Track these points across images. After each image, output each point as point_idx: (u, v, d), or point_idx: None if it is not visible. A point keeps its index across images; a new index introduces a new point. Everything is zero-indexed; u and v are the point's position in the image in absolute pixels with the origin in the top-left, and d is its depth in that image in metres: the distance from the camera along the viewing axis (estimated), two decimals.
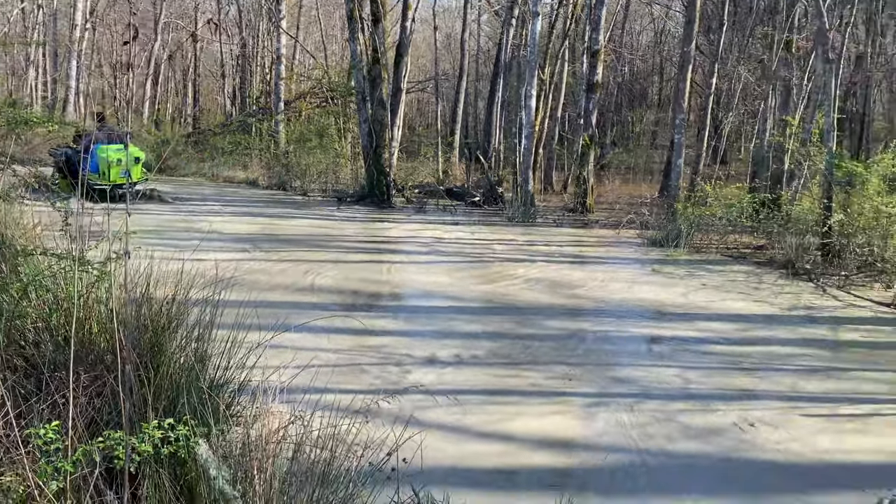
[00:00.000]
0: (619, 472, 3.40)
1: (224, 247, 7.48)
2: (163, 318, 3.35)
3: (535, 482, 3.29)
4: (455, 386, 4.37)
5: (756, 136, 14.73)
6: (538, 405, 4.18)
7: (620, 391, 4.42)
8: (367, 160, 13.52)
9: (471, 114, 26.18)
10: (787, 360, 5.14)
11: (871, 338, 5.92)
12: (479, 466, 3.40)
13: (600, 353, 5.29)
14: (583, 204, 13.19)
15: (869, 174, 8.46)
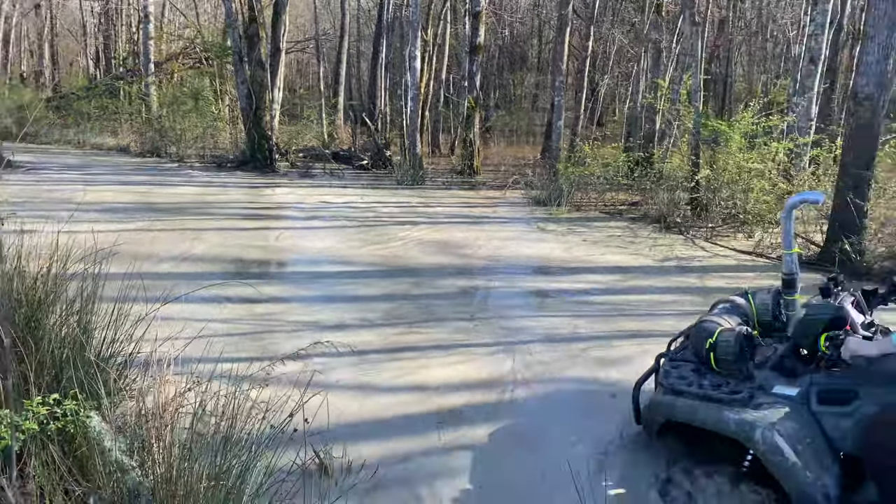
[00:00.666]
0: (520, 404, 3.56)
1: (99, 217, 7.03)
2: (38, 291, 3.16)
3: (442, 425, 3.40)
4: (356, 346, 4.39)
5: (630, 97, 15.39)
6: (442, 357, 4.34)
7: (518, 339, 4.66)
8: (248, 123, 13.05)
9: (354, 75, 25.72)
10: (663, 307, 5.51)
11: (735, 283, 6.43)
12: (385, 418, 3.49)
13: (495, 307, 5.47)
14: (470, 166, 13.36)
15: (732, 132, 9.07)
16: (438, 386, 3.87)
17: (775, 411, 2.60)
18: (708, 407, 2.73)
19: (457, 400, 3.72)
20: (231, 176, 12.13)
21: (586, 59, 15.42)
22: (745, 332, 2.87)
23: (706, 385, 2.83)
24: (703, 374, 2.92)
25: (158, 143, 14.38)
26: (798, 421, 2.58)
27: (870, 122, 6.84)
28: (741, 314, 3.22)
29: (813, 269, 6.94)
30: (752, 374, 2.81)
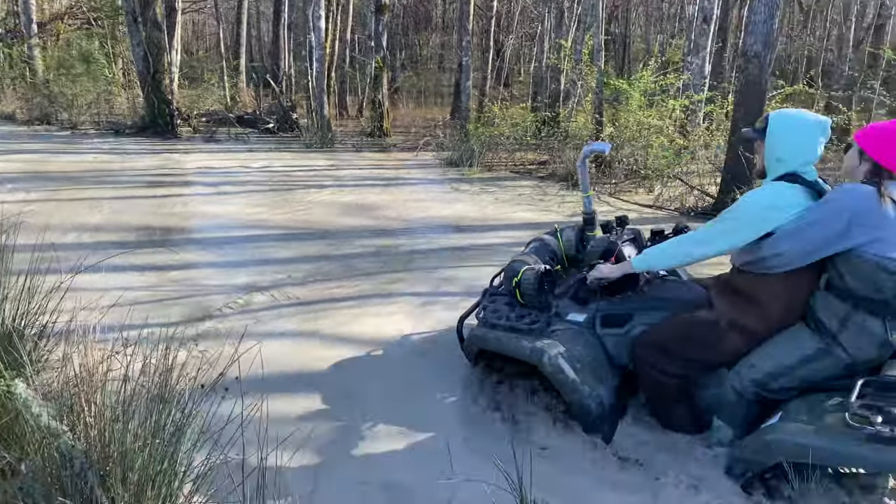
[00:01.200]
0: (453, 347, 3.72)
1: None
2: None
3: (375, 373, 3.51)
4: (284, 304, 4.43)
5: (535, 58, 15.65)
6: (371, 308, 4.46)
7: (446, 290, 4.84)
8: (146, 88, 12.47)
9: (256, 37, 24.88)
10: None
11: None
12: (319, 370, 3.56)
13: (416, 263, 5.55)
14: (380, 128, 13.31)
15: (632, 90, 9.44)
16: (372, 336, 3.97)
17: (564, 336, 3.03)
18: (510, 337, 3.11)
19: (393, 350, 3.84)
20: (131, 142, 11.61)
21: (491, 19, 15.52)
22: (544, 269, 3.22)
23: (513, 318, 3.19)
24: (513, 308, 3.27)
25: (48, 109, 13.53)
26: (582, 343, 3.02)
27: (758, 79, 7.29)
28: (550, 251, 3.59)
29: (708, 218, 7.42)
30: (550, 305, 3.19)
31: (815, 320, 2.61)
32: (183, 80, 16.08)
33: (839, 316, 2.54)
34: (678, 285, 3.23)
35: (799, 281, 2.65)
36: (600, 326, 3.10)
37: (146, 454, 2.16)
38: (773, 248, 2.63)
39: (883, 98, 8.32)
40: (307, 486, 2.32)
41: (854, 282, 2.51)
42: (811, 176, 2.70)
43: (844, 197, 2.53)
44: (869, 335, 2.49)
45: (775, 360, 2.65)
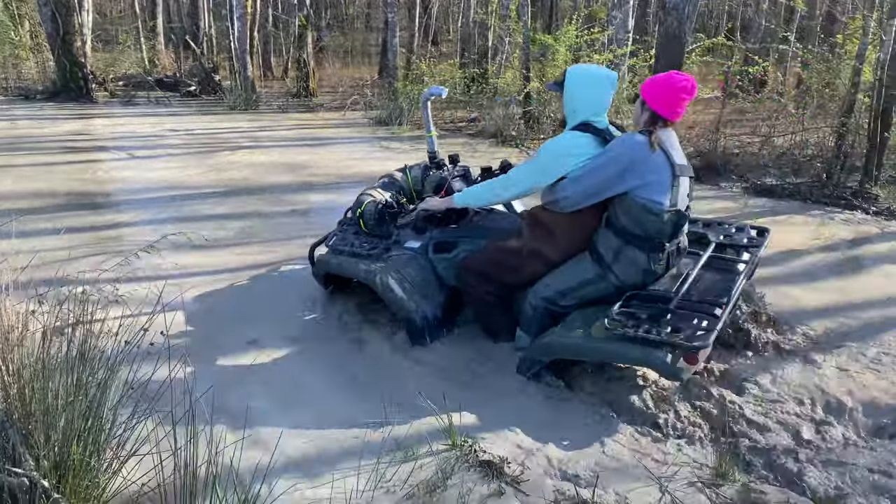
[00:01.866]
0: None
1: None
2: None
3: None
4: (213, 262, 4.36)
5: (462, 14, 15.52)
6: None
7: None
8: (56, 51, 11.84)
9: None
10: None
11: None
12: (240, 319, 3.55)
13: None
14: (306, 88, 13.04)
15: (558, 45, 9.51)
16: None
17: (398, 260, 3.45)
18: (350, 261, 3.53)
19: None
20: (43, 108, 11.04)
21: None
22: (384, 202, 3.67)
23: (356, 244, 3.59)
24: (358, 236, 3.67)
25: None
26: (415, 266, 3.44)
27: (677, 31, 7.45)
28: (397, 186, 3.99)
29: None
30: (390, 233, 3.59)
31: (595, 251, 3.02)
32: (97, 43, 15.32)
33: (613, 249, 2.96)
34: (501, 217, 3.66)
35: (584, 218, 3.04)
36: (432, 252, 3.50)
37: (69, 412, 2.13)
38: (563, 191, 2.99)
39: (796, 50, 8.64)
40: (238, 435, 2.33)
41: (626, 221, 2.91)
42: (602, 124, 3.06)
43: (620, 146, 2.91)
44: (635, 265, 2.94)
45: (563, 281, 3.09)
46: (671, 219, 2.89)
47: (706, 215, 5.85)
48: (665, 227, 2.90)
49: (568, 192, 2.97)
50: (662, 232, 2.90)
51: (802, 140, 7.66)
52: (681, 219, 2.94)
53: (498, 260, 3.25)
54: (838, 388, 3.10)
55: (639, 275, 2.96)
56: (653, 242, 2.91)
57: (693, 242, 3.29)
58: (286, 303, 3.88)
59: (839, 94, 7.65)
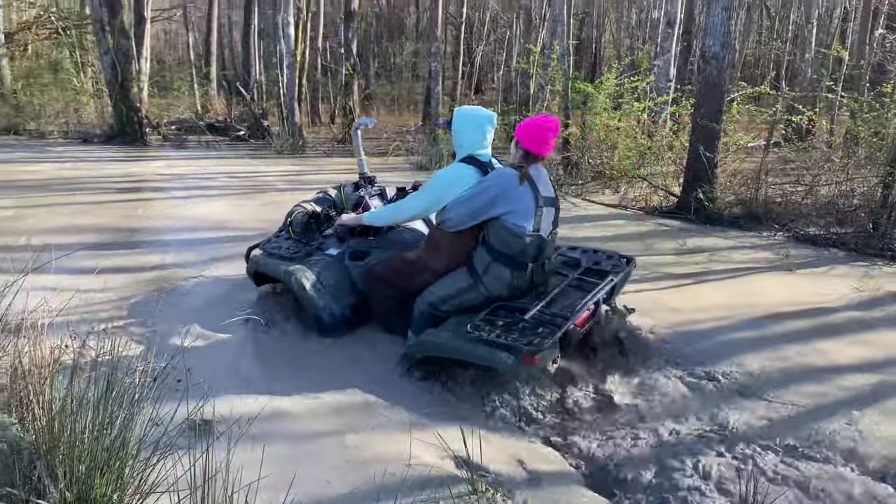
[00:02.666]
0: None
1: None
2: None
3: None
4: (246, 299, 4.43)
5: (504, 63, 15.78)
6: None
7: None
8: (114, 96, 12.39)
9: (226, 45, 24.79)
10: None
11: (602, 232, 6.93)
12: (265, 373, 3.58)
13: None
14: (349, 133, 13.32)
15: (598, 93, 9.57)
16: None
17: (318, 265, 3.91)
18: (275, 262, 4.01)
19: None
20: (100, 151, 11.51)
21: (461, 25, 15.63)
22: (311, 212, 4.20)
23: (283, 248, 4.10)
24: (289, 241, 4.16)
25: (15, 120, 13.37)
26: (331, 270, 3.90)
27: (717, 80, 7.44)
28: (330, 200, 4.46)
29: (672, 217, 7.56)
30: (315, 241, 4.09)
31: (471, 266, 3.51)
32: (153, 89, 15.99)
33: (484, 264, 3.44)
34: (409, 232, 4.16)
35: (465, 237, 3.53)
36: (348, 259, 3.97)
37: (95, 444, 2.18)
38: (448, 214, 3.50)
39: (842, 99, 8.51)
40: (254, 473, 2.34)
41: (495, 241, 3.40)
42: (485, 157, 3.62)
43: (493, 179, 3.42)
44: (501, 279, 3.42)
45: (443, 290, 3.55)
46: (533, 242, 3.41)
47: (744, 265, 5.81)
48: (528, 249, 3.41)
49: (451, 214, 3.49)
50: (525, 253, 3.41)
51: (848, 189, 7.50)
52: (542, 243, 3.46)
53: (398, 268, 3.77)
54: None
55: (504, 288, 3.44)
56: (516, 261, 3.41)
57: (566, 265, 3.88)
58: (305, 345, 3.91)
59: (887, 144, 7.49)
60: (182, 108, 14.85)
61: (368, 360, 3.68)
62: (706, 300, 4.93)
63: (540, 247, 3.46)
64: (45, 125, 13.16)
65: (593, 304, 3.48)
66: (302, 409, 3.19)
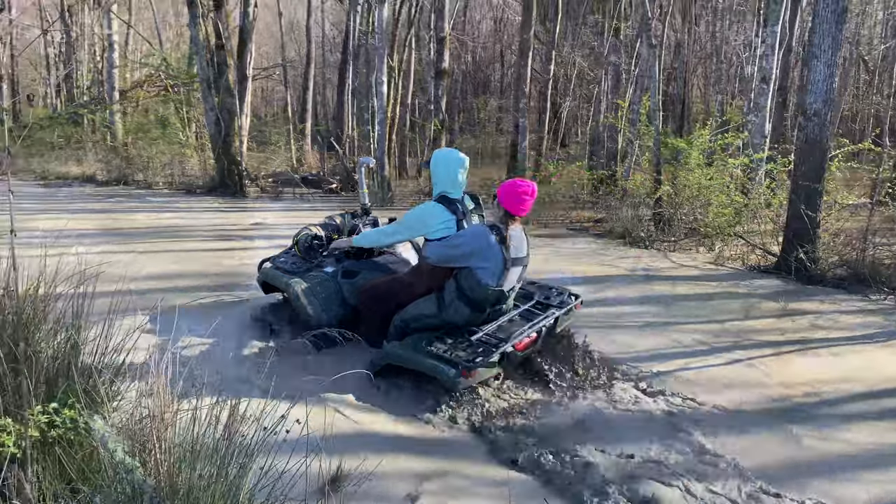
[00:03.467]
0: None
1: (78, 242, 6.89)
2: (27, 309, 3.22)
3: None
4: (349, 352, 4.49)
5: (592, 118, 15.80)
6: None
7: None
8: (217, 150, 13.11)
9: (320, 101, 25.88)
10: (631, 318, 5.72)
11: (699, 290, 6.73)
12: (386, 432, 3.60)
13: None
14: None
15: (690, 149, 9.43)
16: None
17: (314, 279, 4.51)
18: (279, 274, 4.65)
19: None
20: (201, 202, 12.14)
21: (548, 81, 15.79)
22: (314, 235, 4.86)
23: (289, 263, 4.73)
24: (295, 258, 4.77)
25: (125, 170, 14.32)
26: (324, 285, 4.49)
27: (818, 138, 7.20)
28: (334, 226, 5.01)
29: (771, 277, 7.28)
30: (316, 259, 4.72)
31: (440, 297, 4.04)
32: (251, 143, 16.81)
33: (450, 299, 3.98)
34: (394, 258, 4.84)
35: (441, 271, 4.06)
36: (341, 277, 4.57)
37: (211, 491, 2.24)
38: (428, 251, 4.09)
39: None
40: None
41: (464, 283, 3.93)
42: (456, 195, 4.17)
43: (470, 237, 3.92)
44: (460, 314, 3.98)
45: (415, 310, 4.11)
46: (494, 294, 3.95)
47: (851, 331, 5.49)
48: (489, 298, 3.95)
49: (430, 253, 4.07)
50: (486, 301, 3.96)
51: None
52: (502, 296, 4.01)
53: (389, 286, 4.33)
54: None
55: (462, 321, 3.99)
56: (477, 305, 3.96)
57: (521, 297, 4.40)
58: (407, 393, 3.93)
59: None
60: (278, 162, 15.53)
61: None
62: (809, 372, 4.64)
63: (499, 298, 4.02)
64: (153, 176, 14.01)
65: (535, 332, 3.99)
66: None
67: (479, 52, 32.35)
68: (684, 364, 4.67)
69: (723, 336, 5.30)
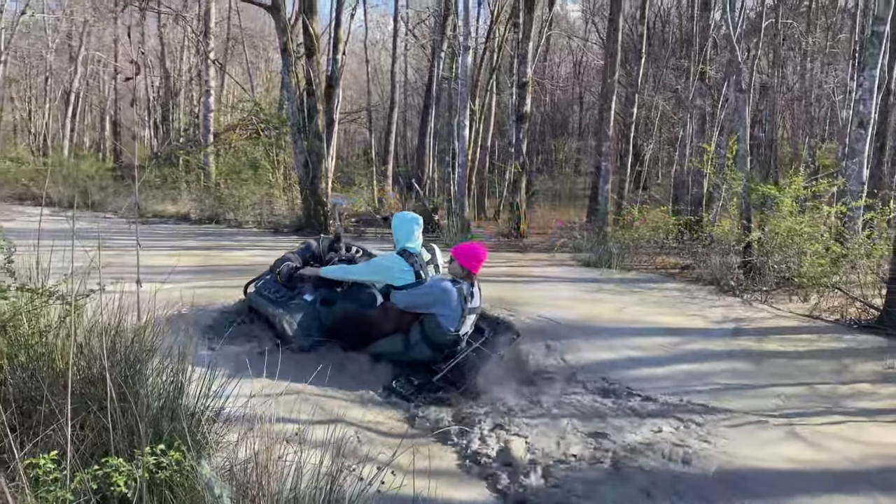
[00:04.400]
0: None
1: (172, 279, 7.23)
2: (136, 347, 3.38)
3: None
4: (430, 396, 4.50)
5: (677, 161, 15.54)
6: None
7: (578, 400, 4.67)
8: (304, 191, 13.54)
9: (400, 143, 26.47)
10: (708, 378, 5.50)
11: (794, 346, 6.40)
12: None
13: (551, 362, 5.46)
14: (517, 229, 13.58)
15: (783, 196, 9.11)
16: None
17: (295, 307, 5.10)
18: (263, 302, 5.24)
19: None
20: (289, 240, 12.49)
21: (631, 125, 15.68)
22: (292, 266, 5.37)
23: (272, 291, 5.26)
24: (276, 284, 5.32)
25: (217, 210, 14.96)
26: (305, 312, 5.08)
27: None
28: (311, 252, 5.65)
29: (873, 332, 6.87)
30: (295, 287, 5.23)
31: (406, 338, 4.89)
32: (335, 184, 17.31)
33: (416, 339, 4.84)
34: (367, 291, 5.19)
35: (407, 315, 4.93)
36: (319, 304, 5.14)
37: None
38: (396, 298, 4.95)
39: None
40: None
41: (427, 328, 4.79)
42: (414, 250, 5.05)
43: (435, 287, 4.85)
44: (424, 353, 4.84)
45: (385, 347, 4.96)
46: (452, 338, 4.82)
47: None
48: (447, 342, 4.82)
49: (398, 300, 4.94)
50: (445, 344, 4.82)
51: None
52: (458, 340, 4.87)
53: (358, 322, 5.02)
54: None
55: (426, 358, 4.85)
56: (437, 347, 4.83)
57: (476, 332, 5.15)
58: None
59: None
60: (361, 202, 15.91)
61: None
62: None
63: (456, 342, 4.88)
64: (243, 215, 14.58)
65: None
66: None
67: (558, 95, 32.48)
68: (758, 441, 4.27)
69: (812, 400, 4.89)
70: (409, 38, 23.66)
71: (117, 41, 25.75)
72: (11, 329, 3.35)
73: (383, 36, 29.68)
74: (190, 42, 22.58)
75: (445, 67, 17.86)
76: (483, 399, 4.57)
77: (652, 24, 22.84)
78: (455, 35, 17.16)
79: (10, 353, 3.29)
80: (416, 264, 4.96)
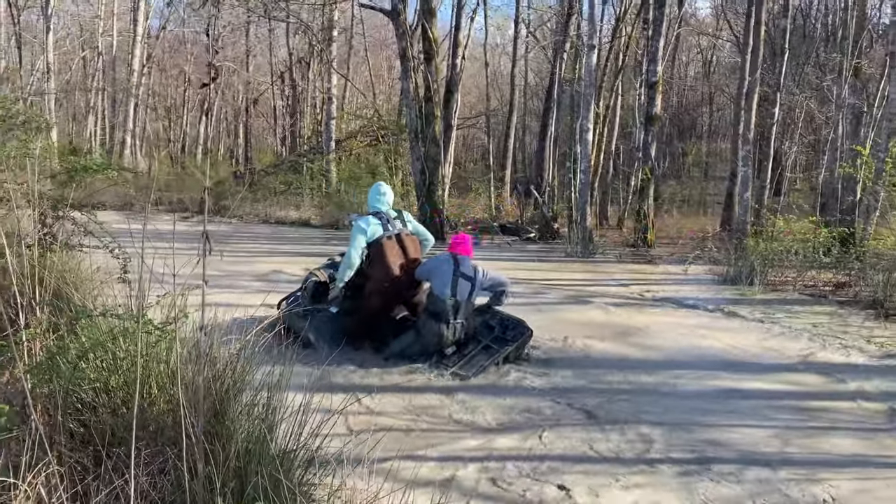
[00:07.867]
0: None
1: (287, 290, 7.06)
2: (227, 379, 3.09)
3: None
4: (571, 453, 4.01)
5: (825, 166, 14.11)
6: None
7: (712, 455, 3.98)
8: (420, 197, 13.35)
9: (519, 149, 25.96)
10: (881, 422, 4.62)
11: None
12: None
13: (683, 411, 4.75)
14: (643, 239, 12.75)
15: None
16: None
17: (321, 318, 5.49)
18: (294, 317, 5.44)
19: None
20: None
21: (771, 126, 14.38)
22: (317, 282, 5.80)
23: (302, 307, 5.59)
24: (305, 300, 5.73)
25: (338, 215, 15.06)
26: (330, 322, 5.47)
27: None
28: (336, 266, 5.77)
29: None
30: (322, 301, 5.61)
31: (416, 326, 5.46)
32: (452, 190, 17.05)
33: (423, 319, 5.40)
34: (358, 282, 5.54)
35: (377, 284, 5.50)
36: (342, 315, 5.51)
37: None
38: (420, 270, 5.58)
39: None
40: None
41: (429, 303, 5.39)
42: (382, 209, 5.59)
43: (433, 261, 5.51)
44: (432, 329, 5.27)
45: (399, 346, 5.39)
46: (451, 304, 5.22)
47: None
48: (448, 309, 5.22)
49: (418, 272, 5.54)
50: (445, 311, 5.22)
51: None
52: (458, 304, 5.25)
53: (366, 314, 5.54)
54: None
55: (434, 339, 5.26)
56: (439, 315, 5.23)
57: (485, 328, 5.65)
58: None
59: None
60: (477, 209, 15.55)
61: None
62: None
63: (456, 307, 5.24)
64: None
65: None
66: None
67: (687, 95, 30.87)
68: None
69: None
70: (530, 41, 23.12)
71: (249, 52, 26.86)
72: (109, 350, 3.15)
73: (503, 40, 29.30)
74: (315, 51, 23.11)
75: (567, 69, 17.20)
76: None
77: (792, 18, 21.09)
78: (578, 35, 16.48)
79: (103, 378, 3.10)
80: (383, 219, 5.53)
